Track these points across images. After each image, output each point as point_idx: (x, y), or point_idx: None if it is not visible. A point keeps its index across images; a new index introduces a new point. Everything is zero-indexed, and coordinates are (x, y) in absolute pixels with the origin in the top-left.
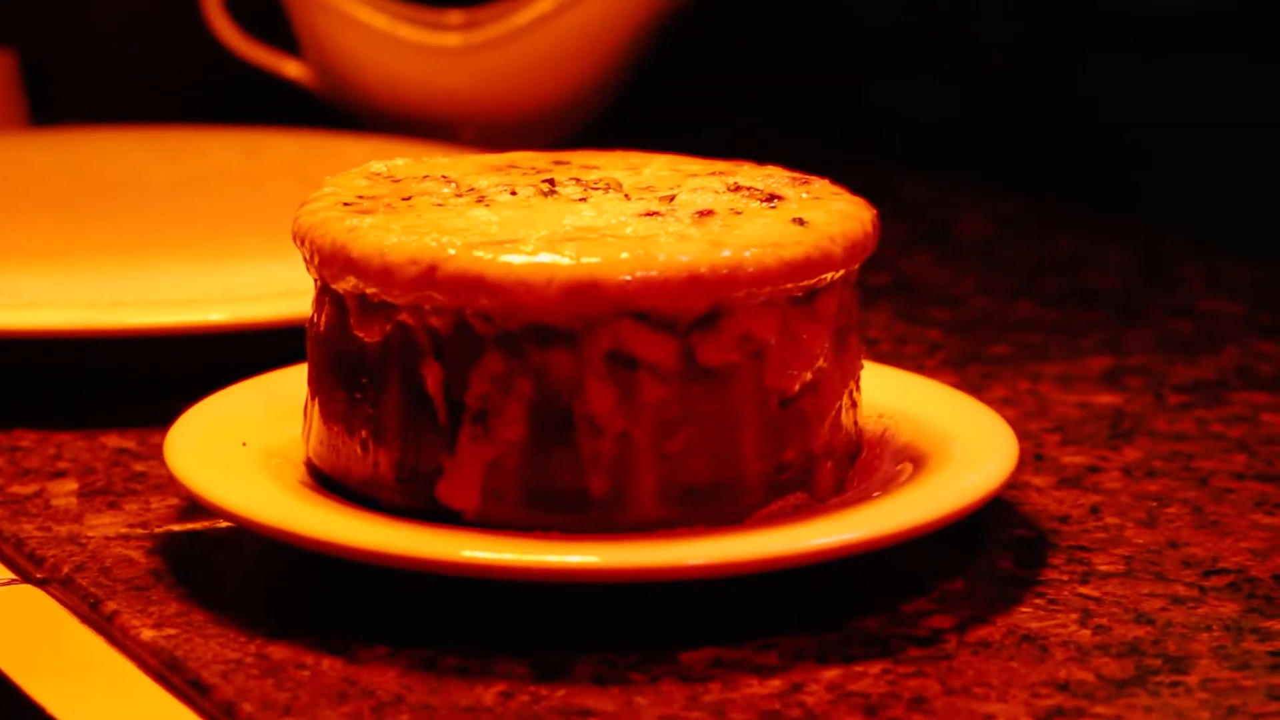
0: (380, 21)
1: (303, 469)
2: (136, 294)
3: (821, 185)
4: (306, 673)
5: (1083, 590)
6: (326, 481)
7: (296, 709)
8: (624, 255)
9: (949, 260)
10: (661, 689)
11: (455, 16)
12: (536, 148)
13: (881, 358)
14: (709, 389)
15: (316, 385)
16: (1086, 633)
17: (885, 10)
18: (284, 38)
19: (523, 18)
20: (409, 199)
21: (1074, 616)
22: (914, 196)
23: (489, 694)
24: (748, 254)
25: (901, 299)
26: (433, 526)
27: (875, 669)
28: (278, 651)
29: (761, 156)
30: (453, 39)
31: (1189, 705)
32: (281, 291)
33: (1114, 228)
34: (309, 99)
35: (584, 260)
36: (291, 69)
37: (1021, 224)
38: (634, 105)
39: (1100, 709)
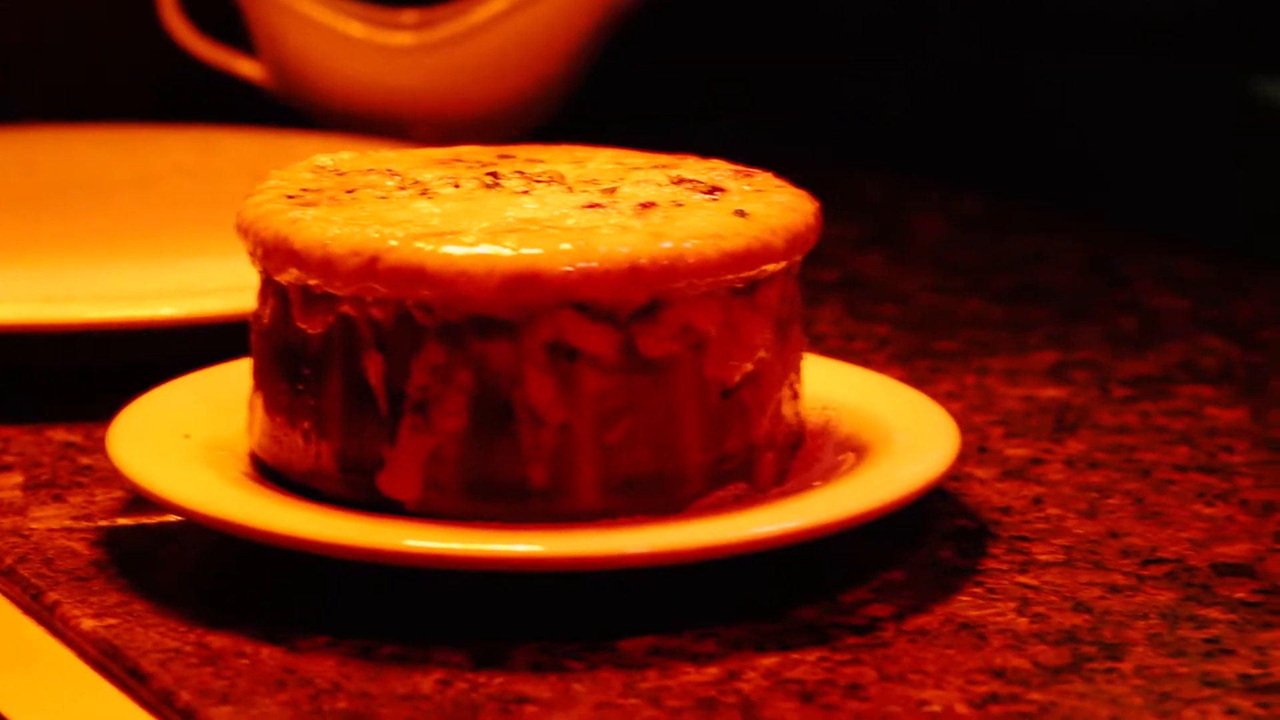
0: (333, 20)
1: (246, 461)
2: (91, 290)
3: (764, 178)
4: (245, 661)
5: (1022, 579)
6: (270, 473)
7: (234, 697)
8: (565, 246)
9: (902, 258)
10: (599, 676)
11: (410, 16)
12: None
13: (829, 353)
14: (650, 380)
15: (260, 377)
16: (1024, 621)
17: (850, 8)
18: (239, 37)
19: (477, 17)
20: (353, 192)
21: (1012, 605)
22: (873, 195)
23: (427, 682)
24: (688, 245)
25: (852, 295)
26: (375, 517)
27: (812, 656)
28: (217, 641)
29: (722, 154)
30: (406, 38)
31: (1123, 691)
32: (234, 286)
33: (1066, 226)
34: (265, 98)
35: (524, 251)
36: (247, 68)
37: (976, 223)
38: (592, 103)
39: (1035, 695)
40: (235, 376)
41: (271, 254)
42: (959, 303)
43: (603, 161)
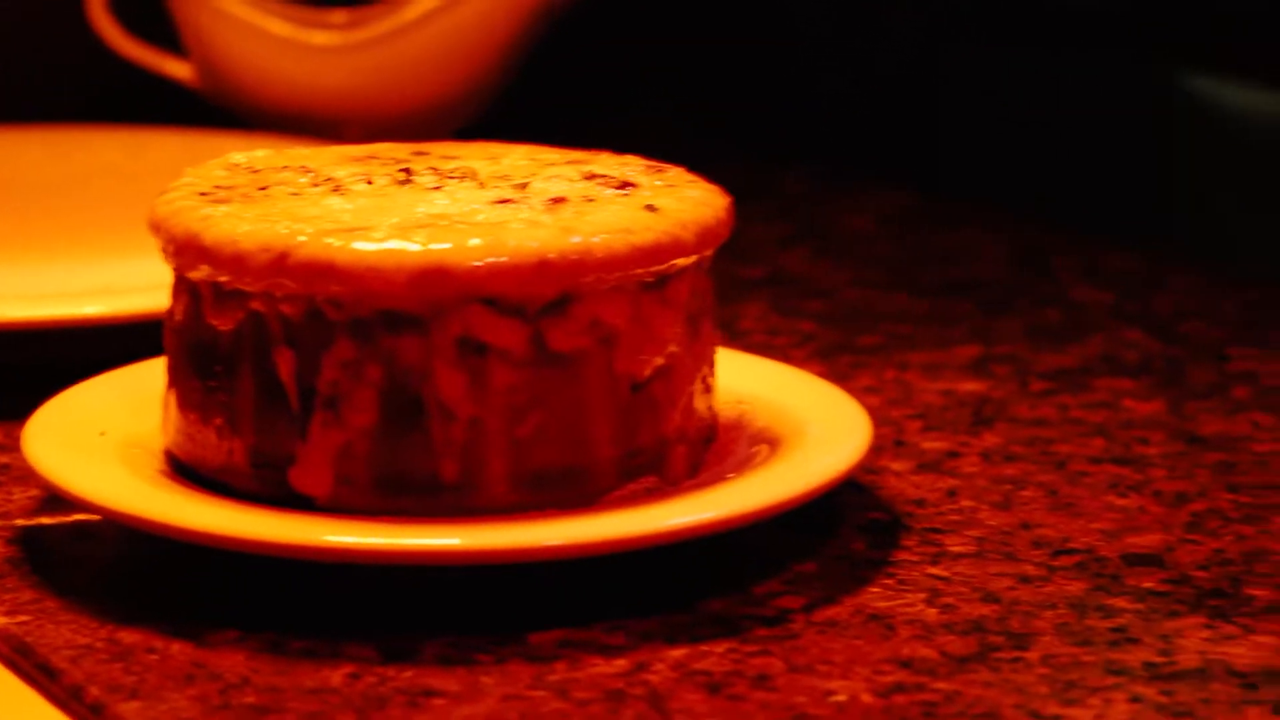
0: (261, 20)
1: (161, 459)
2: (14, 289)
3: (676, 173)
4: (155, 656)
5: (932, 571)
6: (184, 470)
7: (144, 692)
8: (474, 242)
9: (828, 254)
10: (508, 669)
11: (337, 16)
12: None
13: (752, 348)
14: (559, 374)
15: (174, 375)
16: (933, 611)
17: (778, 4)
18: (168, 37)
19: (405, 16)
20: (266, 189)
21: (922, 596)
22: (798, 191)
23: (336, 675)
24: (597, 240)
25: (777, 292)
26: (288, 513)
27: (720, 648)
28: (128, 636)
29: (646, 150)
30: (333, 37)
31: (1028, 680)
32: (159, 285)
33: (992, 221)
34: (194, 99)
35: (433, 247)
36: (176, 69)
37: (902, 218)
38: (522, 100)
39: (940, 685)
40: (152, 374)
41: (183, 250)
42: (883, 298)
43: (517, 158)
